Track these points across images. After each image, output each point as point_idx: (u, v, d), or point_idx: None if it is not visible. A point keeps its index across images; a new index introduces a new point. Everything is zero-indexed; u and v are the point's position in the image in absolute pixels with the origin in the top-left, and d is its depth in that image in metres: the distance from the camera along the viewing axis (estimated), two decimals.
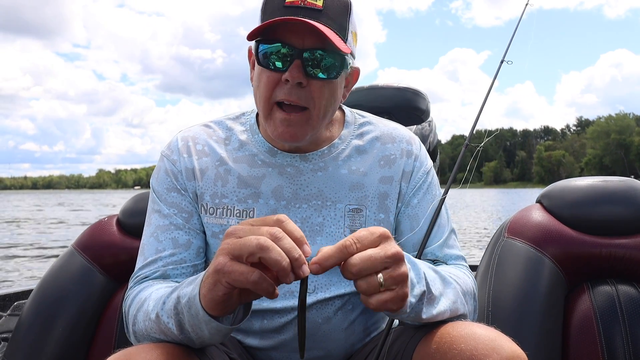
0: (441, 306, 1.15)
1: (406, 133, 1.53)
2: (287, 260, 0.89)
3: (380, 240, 0.98)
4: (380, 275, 0.95)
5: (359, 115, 1.54)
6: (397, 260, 0.97)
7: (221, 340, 1.09)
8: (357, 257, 0.94)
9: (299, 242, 0.93)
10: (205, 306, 0.99)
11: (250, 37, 1.28)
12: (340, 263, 0.95)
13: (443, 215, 1.45)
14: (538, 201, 2.00)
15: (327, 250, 0.95)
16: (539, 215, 1.90)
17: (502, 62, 1.84)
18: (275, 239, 0.90)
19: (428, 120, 2.43)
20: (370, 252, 0.95)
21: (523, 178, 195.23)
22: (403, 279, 0.98)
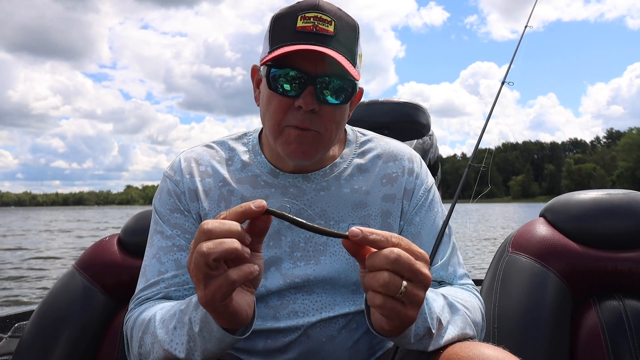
0: (448, 335, 1.13)
1: (407, 151, 1.52)
2: (230, 238, 0.89)
3: (422, 257, 0.94)
4: (405, 283, 0.91)
5: (361, 133, 1.54)
6: (425, 283, 0.93)
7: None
8: (402, 250, 0.91)
9: (231, 226, 0.90)
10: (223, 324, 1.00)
11: (263, 64, 1.27)
12: (376, 245, 0.92)
13: (445, 233, 1.44)
14: (542, 215, 1.96)
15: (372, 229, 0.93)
16: (542, 229, 1.86)
17: (502, 83, 1.83)
18: (208, 245, 0.88)
19: (429, 134, 2.42)
20: (413, 259, 0.92)
21: (552, 192, 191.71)
22: (418, 302, 0.94)
